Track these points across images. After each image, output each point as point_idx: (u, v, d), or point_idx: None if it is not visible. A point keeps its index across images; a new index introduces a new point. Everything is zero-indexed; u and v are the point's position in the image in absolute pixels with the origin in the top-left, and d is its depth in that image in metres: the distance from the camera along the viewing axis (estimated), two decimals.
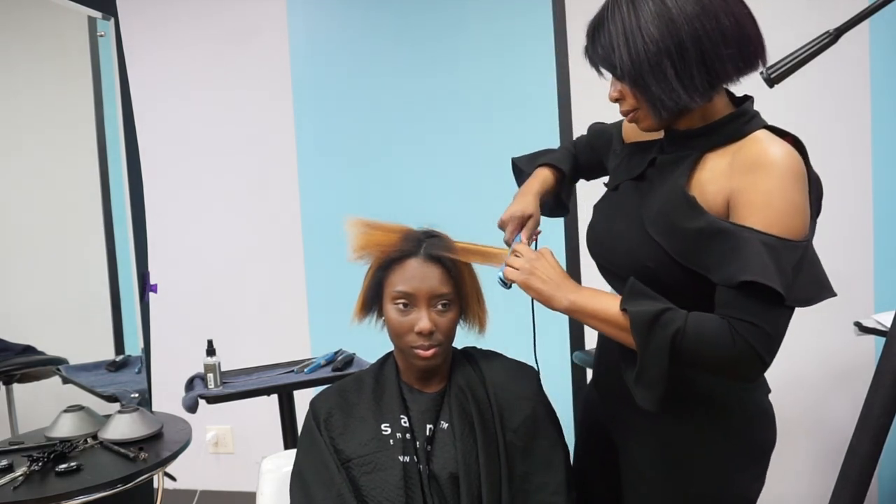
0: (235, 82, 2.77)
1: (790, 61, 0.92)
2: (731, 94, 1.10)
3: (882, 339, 0.88)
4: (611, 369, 1.23)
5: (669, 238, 1.04)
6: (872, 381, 0.86)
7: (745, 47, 1.01)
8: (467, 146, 2.54)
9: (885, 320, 1.93)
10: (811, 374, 2.40)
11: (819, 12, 2.24)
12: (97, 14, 2.06)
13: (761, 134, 1.03)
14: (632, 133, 1.24)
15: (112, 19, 2.11)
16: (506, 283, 1.18)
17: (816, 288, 1.00)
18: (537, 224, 1.27)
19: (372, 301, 1.27)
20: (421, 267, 1.20)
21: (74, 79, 2.13)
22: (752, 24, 1.02)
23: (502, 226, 1.27)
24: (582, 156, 1.39)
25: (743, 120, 1.05)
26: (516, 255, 1.16)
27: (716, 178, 1.03)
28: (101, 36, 2.08)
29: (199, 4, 2.78)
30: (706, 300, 1.02)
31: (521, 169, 1.40)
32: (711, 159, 1.05)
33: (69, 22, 2.08)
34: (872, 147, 2.29)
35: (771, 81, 0.94)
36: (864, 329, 1.96)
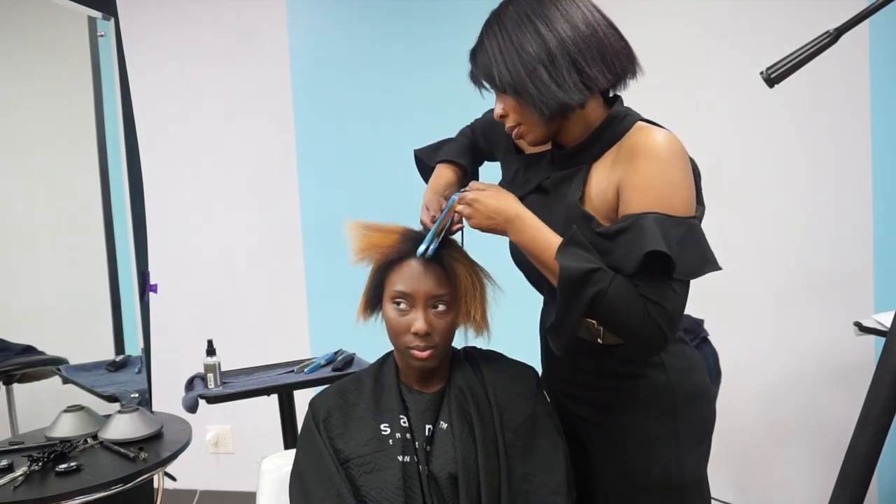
0: (235, 82, 2.77)
1: (790, 61, 0.92)
2: (606, 100, 1.18)
3: (882, 339, 0.88)
4: (557, 370, 1.31)
5: (585, 247, 1.10)
6: (872, 381, 0.86)
7: (610, 58, 1.10)
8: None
9: (885, 320, 1.93)
10: (811, 374, 2.40)
11: (819, 12, 2.24)
12: (97, 14, 2.06)
13: (638, 125, 1.13)
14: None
15: (112, 19, 2.11)
16: (426, 252, 1.20)
17: (701, 262, 1.06)
18: (439, 208, 1.29)
19: (374, 301, 1.27)
20: (419, 268, 1.21)
21: (74, 79, 2.13)
22: (616, 39, 1.12)
23: (427, 220, 1.28)
24: (480, 142, 1.45)
25: (616, 122, 1.14)
26: (465, 205, 1.18)
27: (603, 177, 1.12)
28: (101, 36, 2.08)
29: (199, 4, 2.78)
30: None
31: (422, 161, 1.46)
32: (598, 167, 1.14)
33: (69, 22, 2.08)
34: (872, 147, 2.29)
35: (771, 81, 0.94)
36: (864, 329, 1.96)
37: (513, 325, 1.43)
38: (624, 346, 1.17)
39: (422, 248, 1.20)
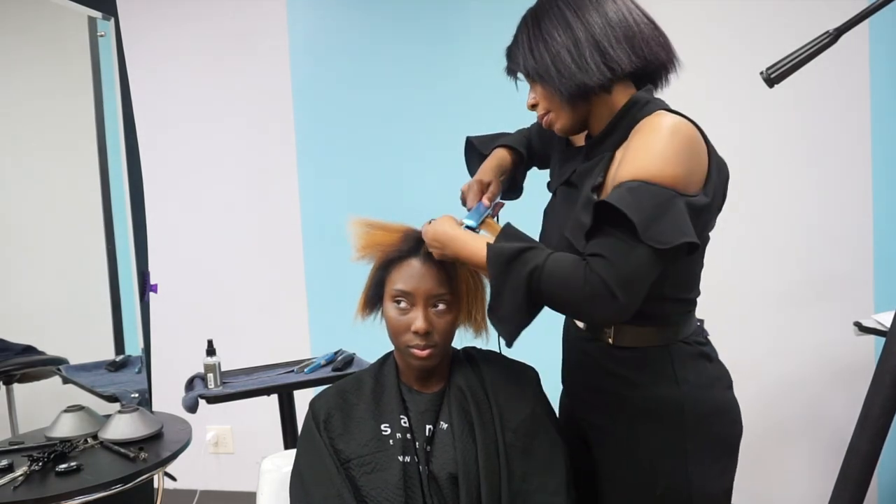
0: (235, 82, 2.77)
1: (790, 61, 0.92)
2: (637, 88, 1.17)
3: (882, 339, 0.88)
4: (572, 370, 1.31)
5: (578, 236, 1.08)
6: (872, 381, 0.86)
7: (638, 42, 1.11)
8: None
9: (885, 320, 1.93)
10: (811, 374, 2.40)
11: (819, 12, 2.24)
12: (97, 14, 2.06)
13: (658, 112, 1.09)
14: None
15: (112, 19, 2.11)
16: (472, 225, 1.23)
17: (676, 231, 0.99)
18: (497, 193, 1.34)
19: (373, 299, 1.27)
20: (420, 267, 1.21)
21: (74, 79, 2.13)
22: (650, 28, 1.14)
23: (463, 197, 1.34)
24: (535, 142, 1.46)
25: (638, 106, 1.12)
26: (427, 241, 1.21)
27: (618, 160, 1.11)
28: (101, 36, 2.08)
29: (199, 5, 2.78)
30: (649, 298, 1.06)
31: (477, 150, 1.47)
32: (620, 152, 1.12)
33: (69, 22, 2.08)
34: (872, 147, 2.29)
35: (771, 81, 0.94)
36: (864, 329, 1.96)
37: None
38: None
39: (469, 220, 1.23)
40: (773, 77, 0.93)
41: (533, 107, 1.21)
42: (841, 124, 2.31)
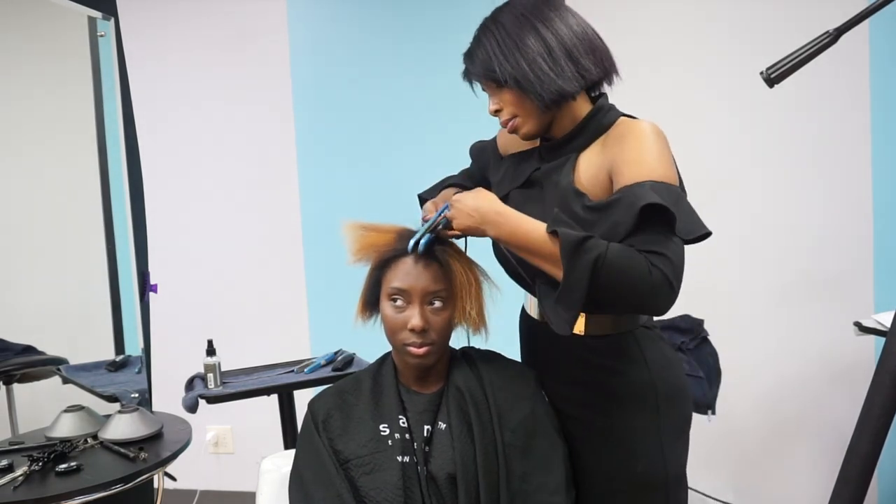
0: (235, 82, 2.77)
1: (790, 61, 0.92)
2: (590, 98, 1.25)
3: (882, 339, 0.88)
4: (544, 365, 1.33)
5: (572, 228, 1.12)
6: (872, 381, 0.86)
7: (599, 54, 1.20)
8: (467, 146, 2.54)
9: (885, 320, 1.93)
10: (811, 374, 2.40)
11: (819, 12, 2.24)
12: (97, 14, 2.06)
13: (623, 119, 1.21)
14: (507, 146, 1.39)
15: (112, 19, 2.11)
16: (417, 247, 1.21)
17: (694, 224, 1.08)
18: (437, 207, 1.32)
19: (372, 301, 1.27)
20: (415, 265, 1.21)
21: (74, 79, 2.13)
22: (601, 42, 1.21)
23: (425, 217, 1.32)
24: (475, 173, 1.51)
25: (602, 114, 1.22)
26: (456, 210, 1.20)
27: (593, 163, 1.19)
28: (101, 36, 2.08)
29: (199, 4, 2.78)
30: None
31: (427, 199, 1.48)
32: (585, 155, 1.21)
33: (69, 22, 2.08)
34: (872, 147, 2.29)
35: (771, 81, 0.94)
36: (864, 329, 1.96)
37: (512, 324, 1.43)
38: (631, 312, 1.20)
39: (412, 241, 1.21)
40: (773, 77, 0.93)
41: (496, 112, 1.23)
42: (841, 124, 2.31)
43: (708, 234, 1.08)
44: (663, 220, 1.05)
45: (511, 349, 1.36)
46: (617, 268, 1.04)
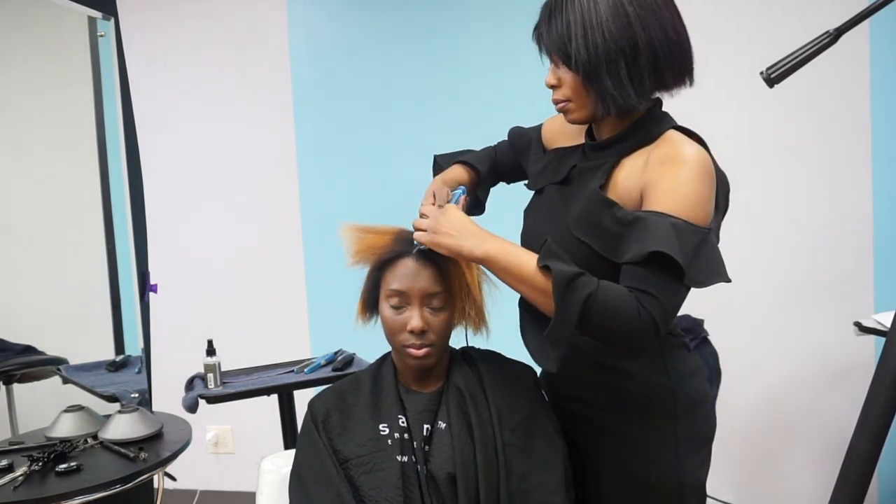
0: (235, 82, 2.77)
1: (790, 61, 0.92)
2: None
3: (882, 339, 0.87)
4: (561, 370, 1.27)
5: (592, 236, 1.12)
6: (872, 381, 0.86)
7: (682, 62, 1.12)
8: (467, 146, 2.54)
9: (885, 320, 1.93)
10: (811, 374, 2.40)
11: (819, 12, 2.24)
12: (97, 14, 2.06)
13: (673, 134, 1.12)
14: (553, 139, 1.33)
15: (112, 19, 2.11)
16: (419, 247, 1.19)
17: (712, 272, 1.05)
18: (447, 196, 1.25)
19: (371, 302, 1.27)
20: (414, 266, 1.20)
21: (74, 79, 2.13)
22: (688, 42, 1.12)
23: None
24: (503, 158, 1.44)
25: (654, 122, 1.14)
26: (422, 218, 1.16)
27: (633, 175, 1.11)
28: (101, 36, 2.08)
29: (199, 5, 2.78)
30: None
31: (441, 168, 1.44)
32: (628, 161, 1.14)
33: (69, 22, 2.08)
34: (872, 147, 2.29)
35: (771, 81, 0.94)
36: (864, 329, 1.96)
37: (511, 324, 1.43)
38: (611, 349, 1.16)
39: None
40: (773, 77, 0.93)
41: (552, 87, 1.15)
42: (841, 124, 2.31)
43: (727, 280, 1.05)
44: (672, 268, 1.01)
45: (511, 349, 1.36)
46: (606, 307, 1.01)
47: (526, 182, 1.36)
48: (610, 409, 1.23)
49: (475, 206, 1.43)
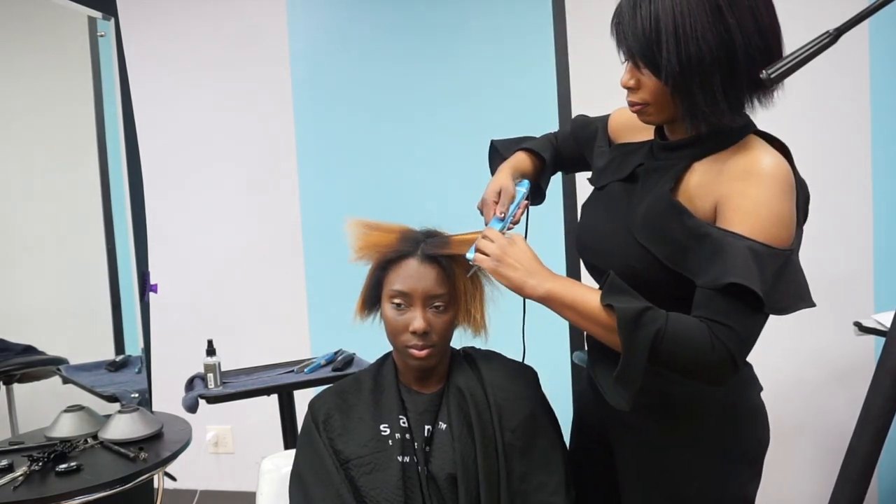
0: (235, 82, 2.77)
1: (790, 61, 0.92)
2: None
3: (882, 339, 0.87)
4: (602, 366, 1.21)
5: (656, 242, 1.05)
6: (872, 381, 0.86)
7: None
8: (467, 146, 2.54)
9: (885, 320, 1.93)
10: (811, 374, 2.39)
11: (819, 12, 2.24)
12: (97, 14, 2.06)
13: (752, 141, 1.04)
14: (620, 132, 1.26)
15: (112, 19, 2.11)
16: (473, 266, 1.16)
17: (795, 297, 0.99)
18: (512, 198, 1.22)
19: (372, 300, 1.27)
20: (418, 267, 1.20)
21: (74, 79, 2.13)
22: (780, 34, 1.04)
23: (481, 207, 1.25)
24: (564, 147, 1.37)
25: (732, 129, 1.05)
26: (487, 240, 1.12)
27: (706, 183, 1.04)
28: (102, 36, 2.08)
29: (199, 5, 2.78)
30: (688, 301, 1.02)
31: (500, 153, 1.38)
32: (701, 166, 1.06)
33: (69, 22, 2.08)
34: (872, 147, 2.29)
35: (770, 81, 0.93)
36: (864, 329, 1.96)
37: (511, 324, 1.43)
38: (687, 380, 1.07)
39: (470, 255, 1.14)
40: (773, 77, 0.92)
41: (629, 88, 1.06)
42: (841, 124, 2.30)
43: (811, 305, 0.99)
44: (750, 293, 0.95)
45: (511, 349, 1.36)
46: (677, 342, 0.97)
47: (589, 177, 1.29)
48: (654, 414, 1.15)
49: (536, 195, 1.36)
